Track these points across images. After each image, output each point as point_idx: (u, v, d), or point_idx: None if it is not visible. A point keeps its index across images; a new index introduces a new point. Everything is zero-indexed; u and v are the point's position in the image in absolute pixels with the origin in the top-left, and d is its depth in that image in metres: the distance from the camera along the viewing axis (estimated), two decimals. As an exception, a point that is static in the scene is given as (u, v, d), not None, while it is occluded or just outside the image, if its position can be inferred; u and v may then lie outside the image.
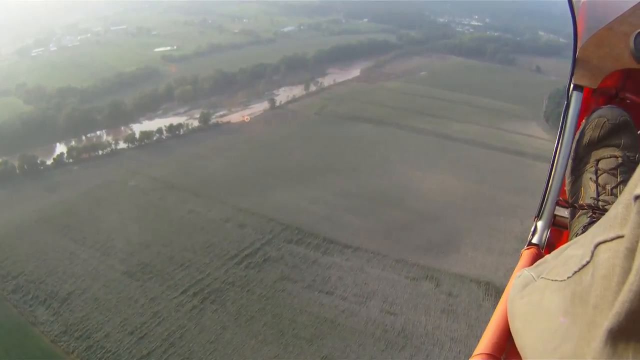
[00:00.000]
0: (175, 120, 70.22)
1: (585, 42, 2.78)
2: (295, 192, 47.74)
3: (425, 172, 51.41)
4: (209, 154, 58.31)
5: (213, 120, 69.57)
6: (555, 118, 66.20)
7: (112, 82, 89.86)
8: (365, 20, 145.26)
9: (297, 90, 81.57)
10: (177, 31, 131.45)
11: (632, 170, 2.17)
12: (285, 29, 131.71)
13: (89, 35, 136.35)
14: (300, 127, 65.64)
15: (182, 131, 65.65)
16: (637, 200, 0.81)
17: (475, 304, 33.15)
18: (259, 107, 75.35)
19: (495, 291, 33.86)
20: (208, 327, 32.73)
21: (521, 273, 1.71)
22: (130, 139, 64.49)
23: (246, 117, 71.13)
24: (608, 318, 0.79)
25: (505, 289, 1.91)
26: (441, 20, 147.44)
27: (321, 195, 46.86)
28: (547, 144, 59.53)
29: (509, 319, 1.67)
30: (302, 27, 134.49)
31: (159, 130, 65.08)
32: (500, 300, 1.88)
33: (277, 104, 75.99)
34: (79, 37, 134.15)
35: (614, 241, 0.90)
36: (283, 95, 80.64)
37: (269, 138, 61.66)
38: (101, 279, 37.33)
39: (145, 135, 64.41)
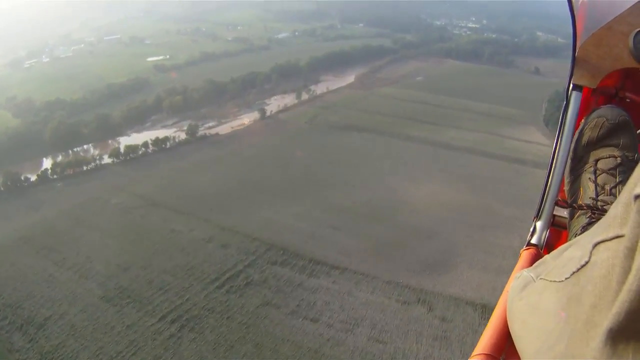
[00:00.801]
0: (163, 132, 68.49)
1: (584, 42, 2.74)
2: (282, 208, 45.47)
3: (420, 183, 49.01)
4: (194, 168, 56.24)
5: (201, 132, 67.55)
6: (554, 122, 63.85)
7: (102, 94, 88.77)
8: (361, 25, 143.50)
9: (289, 99, 79.40)
10: (170, 40, 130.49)
11: (631, 170, 2.15)
12: (279, 36, 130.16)
13: (82, 45, 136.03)
14: (290, 138, 63.33)
15: (168, 144, 63.53)
16: (637, 200, 0.80)
17: (470, 330, 30.72)
18: (250, 117, 73.21)
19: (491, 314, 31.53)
20: (185, 357, 30.75)
21: (520, 274, 1.71)
22: (115, 153, 62.51)
23: (246, 120, 69.20)
24: (608, 318, 0.79)
25: (504, 289, 1.90)
26: (438, 23, 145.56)
27: (309, 211, 44.54)
28: (547, 150, 57.11)
29: (508, 320, 1.68)
30: (296, 34, 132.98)
31: (145, 144, 63.02)
32: (499, 300, 1.86)
33: (268, 113, 73.67)
34: (72, 48, 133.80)
35: (614, 241, 0.90)
36: (275, 104, 78.42)
37: (258, 150, 59.42)
38: (78, 304, 35.59)
39: (131, 149, 62.50)
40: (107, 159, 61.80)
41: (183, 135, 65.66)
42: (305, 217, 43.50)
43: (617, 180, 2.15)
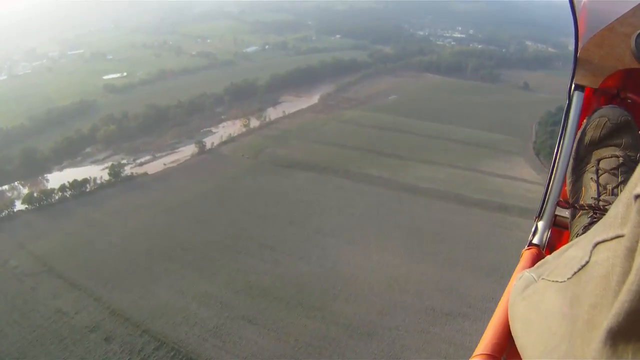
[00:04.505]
0: (92, 169, 59.52)
1: (586, 43, 2.73)
2: (188, 284, 35.45)
3: (369, 249, 38.35)
4: (107, 221, 46.55)
5: (130, 169, 57.90)
6: (547, 151, 53.87)
7: (41, 120, 79.61)
8: (338, 36, 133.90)
9: (240, 126, 68.87)
10: (133, 55, 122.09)
11: (633, 170, 2.16)
12: (248, 50, 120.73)
13: (43, 61, 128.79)
14: (224, 181, 52.72)
15: (89, 187, 53.87)
16: (638, 199, 0.80)
17: None
18: (189, 150, 63.05)
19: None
20: None
21: (522, 274, 1.71)
22: (28, 199, 53.03)
23: (182, 155, 59.10)
24: (607, 318, 0.78)
25: (506, 290, 1.91)
26: (421, 33, 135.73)
27: (220, 291, 34.23)
28: (537, 190, 47.13)
29: (509, 320, 1.68)
30: (266, 47, 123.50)
31: (62, 188, 53.47)
32: (501, 300, 1.87)
33: (210, 145, 63.21)
34: (32, 64, 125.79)
35: (614, 240, 0.90)
36: (223, 132, 68.24)
37: (182, 198, 49.16)
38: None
39: (45, 194, 53.02)
40: (19, 206, 52.65)
41: (107, 175, 55.94)
42: (212, 300, 33.34)
43: (619, 180, 2.13)
